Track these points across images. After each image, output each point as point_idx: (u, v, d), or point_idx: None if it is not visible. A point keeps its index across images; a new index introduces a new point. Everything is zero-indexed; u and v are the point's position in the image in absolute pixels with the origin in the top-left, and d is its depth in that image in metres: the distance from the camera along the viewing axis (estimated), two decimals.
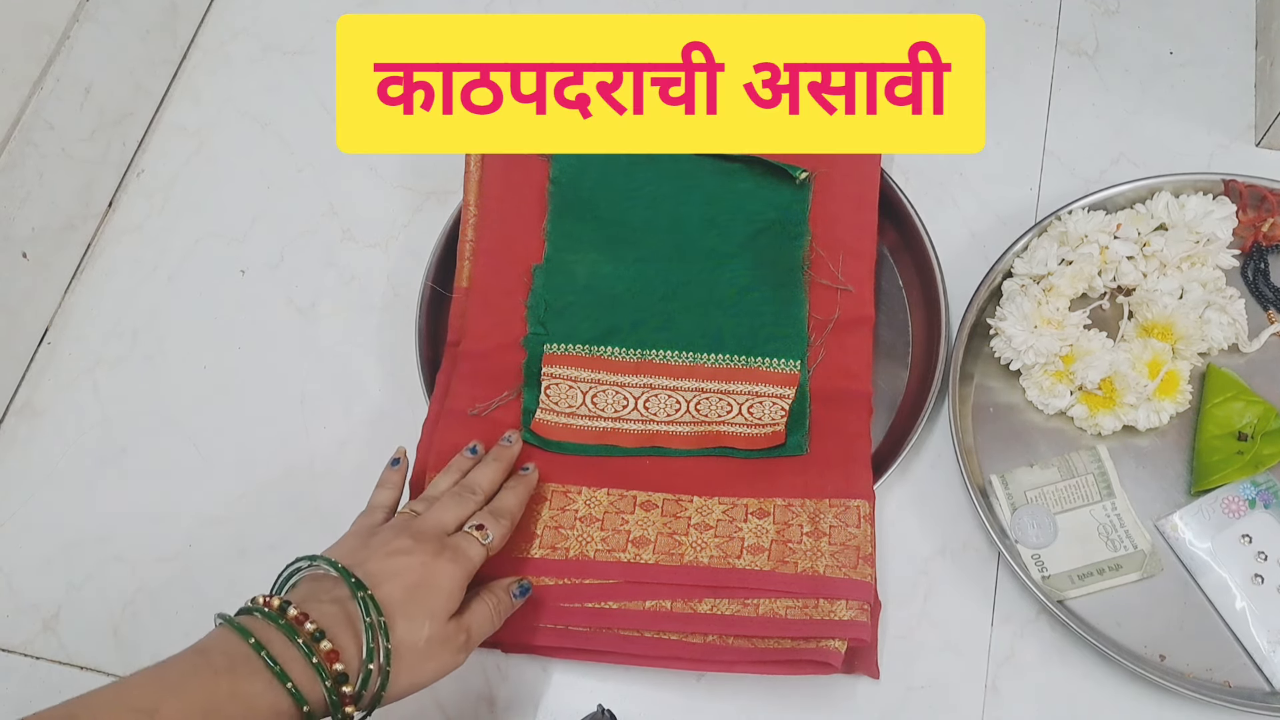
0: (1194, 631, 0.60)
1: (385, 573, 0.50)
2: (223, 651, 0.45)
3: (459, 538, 0.54)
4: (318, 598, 0.49)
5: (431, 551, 0.52)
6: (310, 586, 0.50)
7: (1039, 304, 0.64)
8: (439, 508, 0.56)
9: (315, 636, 0.46)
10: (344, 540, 0.55)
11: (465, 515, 0.56)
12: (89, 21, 0.75)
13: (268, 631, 0.46)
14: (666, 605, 0.59)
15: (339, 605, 0.49)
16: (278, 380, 0.73)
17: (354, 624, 0.48)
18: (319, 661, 0.46)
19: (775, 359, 0.66)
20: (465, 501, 0.57)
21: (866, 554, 0.59)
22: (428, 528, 0.54)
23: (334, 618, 0.48)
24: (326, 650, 0.46)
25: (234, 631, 0.46)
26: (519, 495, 0.59)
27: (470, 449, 0.62)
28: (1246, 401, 0.63)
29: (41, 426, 0.73)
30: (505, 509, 0.58)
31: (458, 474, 0.60)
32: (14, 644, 0.67)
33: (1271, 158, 0.72)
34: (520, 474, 0.61)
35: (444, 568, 0.52)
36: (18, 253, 0.72)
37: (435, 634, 0.50)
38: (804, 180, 0.69)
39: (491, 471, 0.60)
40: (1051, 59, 0.77)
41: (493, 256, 0.69)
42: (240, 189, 0.79)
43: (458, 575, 0.52)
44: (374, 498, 0.59)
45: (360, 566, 0.50)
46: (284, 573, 0.52)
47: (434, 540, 0.53)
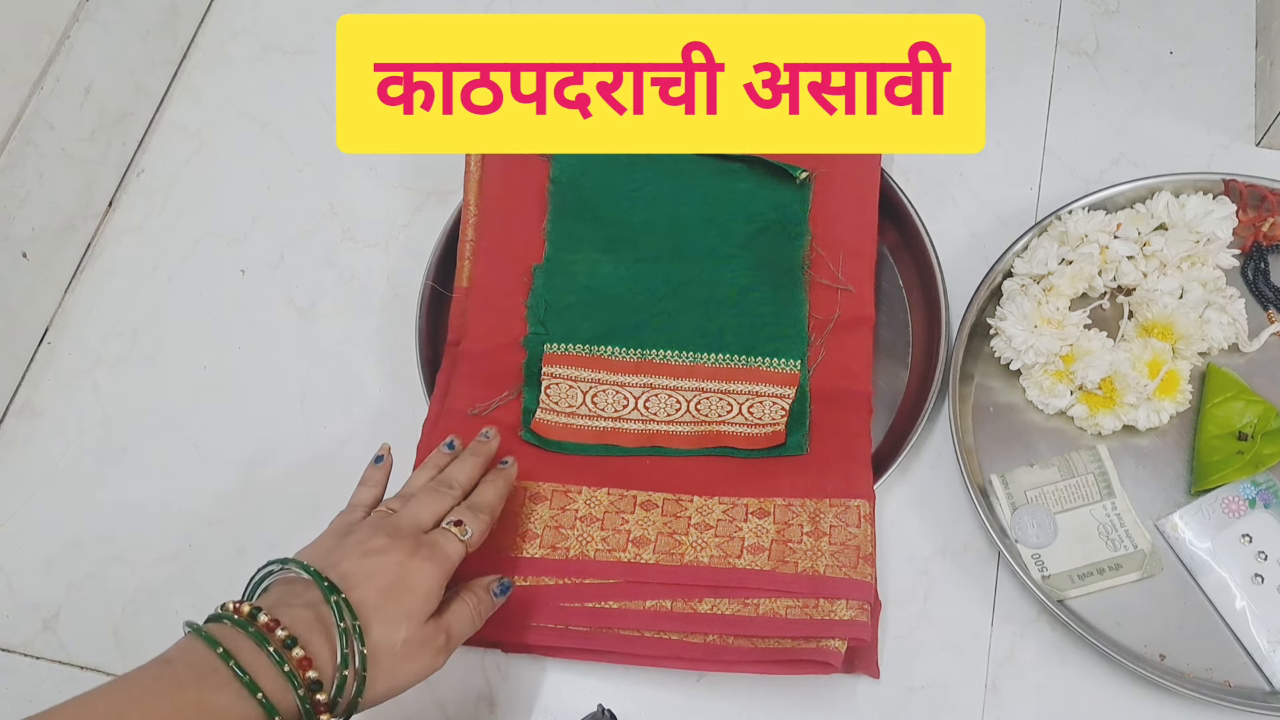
0: (1194, 631, 0.60)
1: (360, 574, 0.49)
2: (189, 662, 0.44)
3: (436, 534, 0.53)
4: (289, 602, 0.47)
5: (408, 550, 0.50)
6: (282, 590, 0.49)
7: (1039, 304, 0.64)
8: (415, 504, 0.54)
9: (287, 644, 0.45)
10: (319, 540, 0.53)
11: (443, 511, 0.54)
12: (89, 21, 0.75)
13: (237, 640, 0.45)
14: (666, 605, 0.59)
15: (312, 610, 0.47)
16: (278, 380, 0.73)
17: (328, 629, 0.47)
18: (291, 670, 0.44)
19: (775, 359, 0.66)
20: (442, 497, 0.55)
21: (866, 554, 0.59)
22: (404, 525, 0.52)
23: (306, 623, 0.46)
24: (299, 658, 0.45)
25: (201, 640, 0.45)
26: (498, 489, 0.57)
27: (447, 444, 0.60)
28: (1246, 401, 0.63)
29: (41, 426, 0.73)
30: (484, 504, 0.56)
31: (434, 470, 0.58)
32: (14, 644, 0.67)
33: (1271, 157, 0.72)
34: (499, 468, 0.60)
35: (421, 566, 0.50)
36: (18, 252, 0.72)
37: (413, 636, 0.49)
38: (804, 180, 0.69)
39: (469, 466, 0.58)
40: (1051, 59, 0.77)
41: (493, 256, 0.69)
42: (240, 189, 0.79)
43: (435, 574, 0.50)
44: (355, 496, 0.57)
45: (334, 568, 0.49)
46: (255, 576, 0.50)
47: (410, 538, 0.51)
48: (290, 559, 0.50)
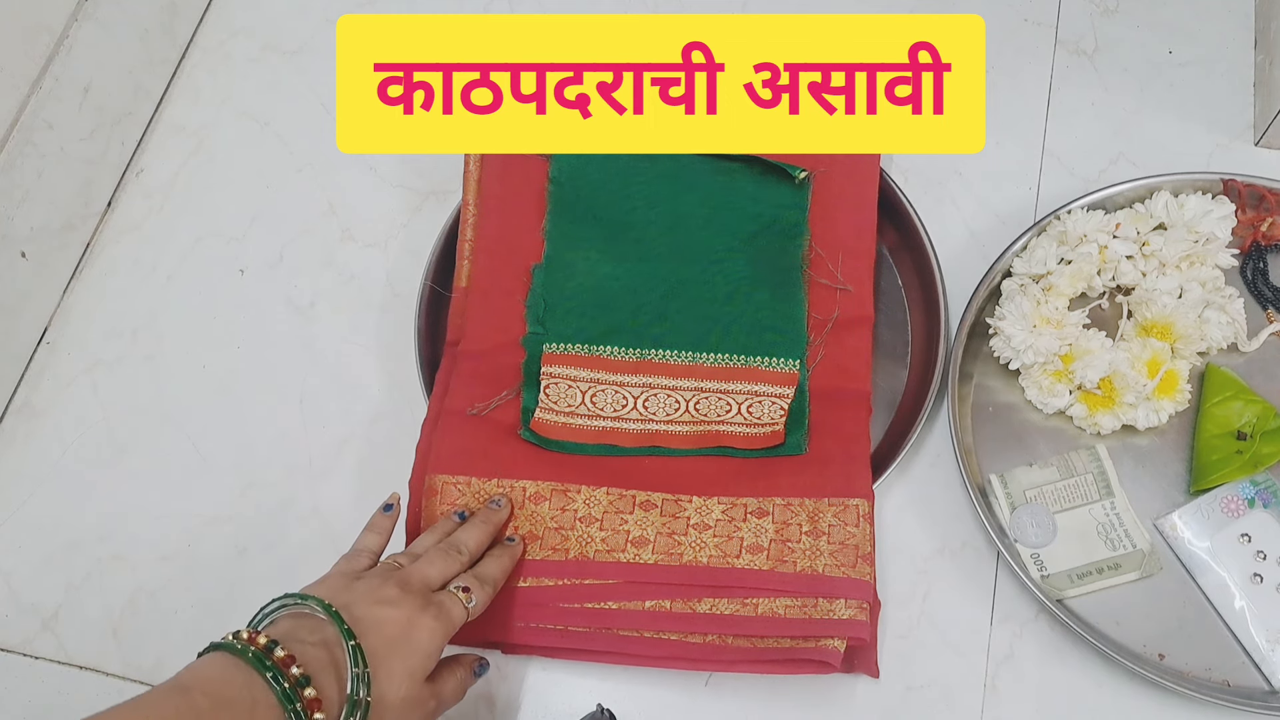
0: (1193, 631, 0.60)
1: (370, 620, 0.49)
2: (206, 692, 0.43)
3: (444, 596, 0.52)
4: (302, 638, 0.47)
5: (417, 606, 0.50)
6: (293, 624, 0.48)
7: (1038, 303, 0.65)
8: (425, 561, 0.54)
9: (300, 682, 0.44)
10: (328, 579, 0.53)
11: (451, 574, 0.54)
12: (88, 21, 0.75)
13: (249, 673, 0.44)
14: (666, 605, 0.59)
15: (325, 649, 0.47)
16: (277, 380, 0.73)
17: (339, 670, 0.46)
18: (301, 709, 0.44)
19: (774, 358, 0.66)
20: (451, 560, 0.55)
21: (865, 553, 0.60)
22: (414, 580, 0.52)
23: (321, 663, 0.46)
24: (310, 698, 0.44)
25: (225, 670, 0.44)
26: (503, 565, 0.58)
27: (458, 514, 0.60)
28: (1245, 401, 0.63)
29: (41, 426, 0.73)
30: (489, 576, 0.56)
31: (441, 534, 0.58)
32: (14, 644, 0.67)
33: (1270, 157, 0.72)
34: (506, 544, 0.60)
35: (428, 624, 0.50)
36: (17, 252, 0.72)
37: (411, 694, 0.49)
38: (803, 180, 0.69)
39: (479, 533, 0.58)
40: (1051, 59, 0.77)
41: (492, 256, 0.69)
42: (239, 188, 0.79)
43: (440, 634, 0.50)
44: (360, 541, 0.57)
45: (346, 609, 0.49)
46: (267, 607, 0.50)
47: (420, 595, 0.51)
48: (309, 595, 0.49)
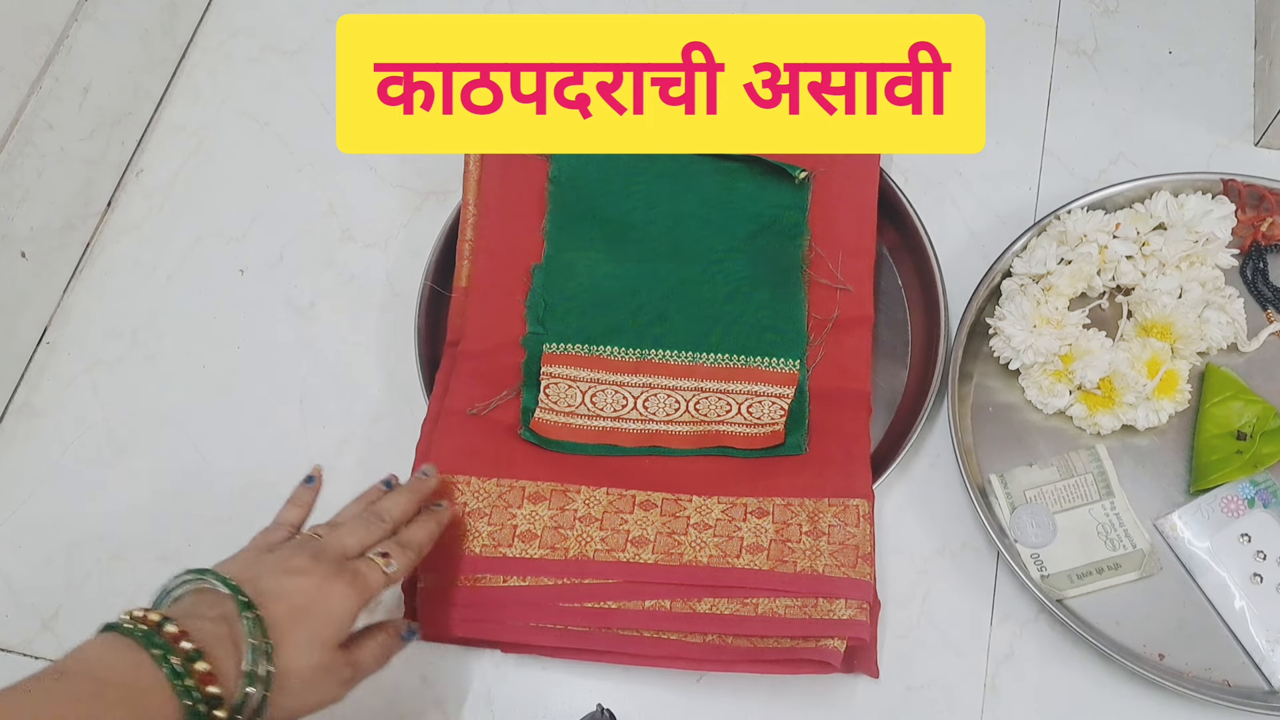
0: (1193, 631, 0.60)
1: (276, 591, 0.48)
2: (88, 675, 0.43)
3: (360, 562, 0.51)
4: (200, 614, 0.46)
5: (328, 573, 0.49)
6: (194, 600, 0.48)
7: (1038, 303, 0.65)
8: (343, 530, 0.53)
9: (191, 656, 0.44)
10: (239, 555, 0.52)
11: (370, 541, 0.53)
12: (88, 21, 0.75)
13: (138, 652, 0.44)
14: (666, 605, 0.59)
15: (224, 624, 0.46)
16: (277, 380, 0.73)
17: (237, 644, 0.46)
18: (193, 684, 0.43)
19: (774, 358, 0.66)
20: (372, 528, 0.54)
21: (865, 553, 0.60)
22: (329, 549, 0.51)
23: (216, 637, 0.45)
24: (202, 671, 0.44)
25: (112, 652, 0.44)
26: (429, 530, 0.56)
27: (384, 481, 0.59)
28: (1245, 401, 0.63)
29: (41, 426, 0.73)
30: (413, 541, 0.55)
31: (366, 503, 0.57)
32: (14, 644, 0.67)
33: (1270, 157, 0.73)
34: (432, 509, 0.59)
35: (339, 590, 0.49)
36: (16, 252, 0.72)
37: (321, 662, 0.48)
38: (803, 180, 0.69)
39: (403, 501, 0.57)
40: (1051, 59, 0.77)
41: (492, 256, 0.69)
42: (239, 188, 0.79)
43: (352, 600, 0.49)
44: (280, 514, 0.56)
45: (251, 583, 0.48)
46: (169, 585, 0.49)
47: (332, 562, 0.50)
48: (208, 570, 0.49)
